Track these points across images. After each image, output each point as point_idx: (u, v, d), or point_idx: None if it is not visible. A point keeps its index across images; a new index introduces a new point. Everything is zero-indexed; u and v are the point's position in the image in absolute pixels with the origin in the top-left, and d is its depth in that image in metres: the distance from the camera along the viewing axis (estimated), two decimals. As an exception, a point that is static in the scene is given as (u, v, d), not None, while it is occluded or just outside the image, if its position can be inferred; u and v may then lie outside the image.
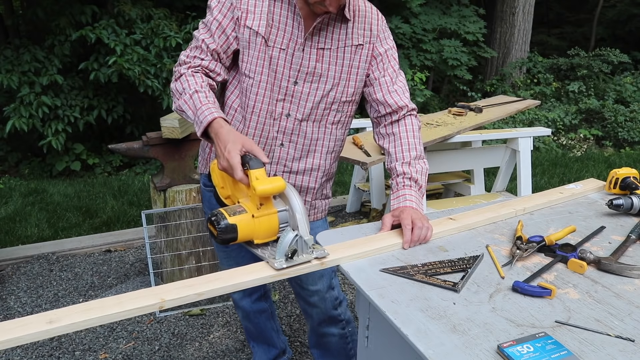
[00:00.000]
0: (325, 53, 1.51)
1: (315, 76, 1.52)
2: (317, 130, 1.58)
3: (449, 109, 3.79)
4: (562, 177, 5.23)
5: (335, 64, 1.52)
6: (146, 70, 5.14)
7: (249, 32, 1.47)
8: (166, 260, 2.84)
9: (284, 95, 1.52)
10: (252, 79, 1.50)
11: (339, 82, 1.54)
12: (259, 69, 1.49)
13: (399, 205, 1.44)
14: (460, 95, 8.46)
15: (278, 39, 1.48)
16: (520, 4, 8.55)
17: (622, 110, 7.49)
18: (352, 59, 1.54)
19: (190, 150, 2.83)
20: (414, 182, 1.49)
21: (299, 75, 1.51)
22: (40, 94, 5.21)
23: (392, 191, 1.52)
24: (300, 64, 1.50)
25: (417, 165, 1.51)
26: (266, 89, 1.51)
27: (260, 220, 1.24)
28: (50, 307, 2.79)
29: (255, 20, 1.46)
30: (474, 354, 0.92)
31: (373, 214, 3.76)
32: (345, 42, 1.52)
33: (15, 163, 6.16)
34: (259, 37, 1.47)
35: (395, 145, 1.55)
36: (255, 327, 2.04)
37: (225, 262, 1.83)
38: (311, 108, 1.54)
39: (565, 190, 1.72)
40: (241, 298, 1.96)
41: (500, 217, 1.52)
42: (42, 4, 5.56)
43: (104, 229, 3.84)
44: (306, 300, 1.79)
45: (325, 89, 1.53)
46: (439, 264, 1.24)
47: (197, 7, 6.52)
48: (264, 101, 1.51)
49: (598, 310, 1.06)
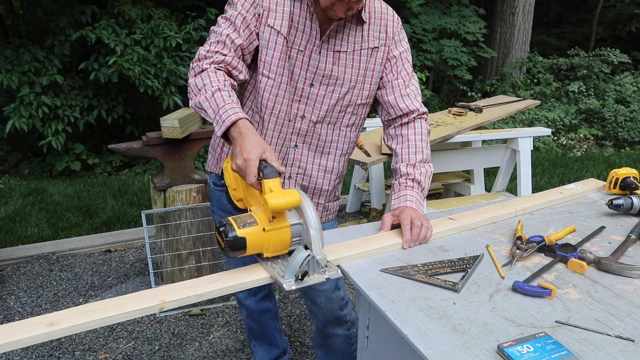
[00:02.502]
0: (341, 56, 1.50)
1: (332, 79, 1.51)
2: (331, 132, 1.57)
3: (449, 109, 3.79)
4: (562, 177, 5.23)
5: (352, 67, 1.51)
6: (146, 70, 5.13)
7: (269, 31, 1.45)
8: (166, 260, 2.84)
9: (300, 97, 1.51)
10: (271, 80, 1.48)
11: (355, 85, 1.54)
12: (280, 70, 1.47)
13: (399, 205, 1.45)
14: (460, 95, 8.46)
15: (297, 40, 1.46)
16: (520, 4, 8.55)
17: (622, 110, 7.49)
18: (368, 61, 1.53)
19: (190, 150, 2.83)
20: (417, 183, 1.50)
21: (315, 77, 1.50)
22: (40, 94, 5.20)
23: (393, 191, 1.52)
24: (317, 66, 1.49)
25: (421, 168, 1.52)
26: (286, 90, 1.49)
27: (272, 234, 1.16)
28: (50, 307, 2.79)
29: (278, 19, 1.44)
30: (474, 354, 0.92)
31: (373, 214, 3.76)
32: (361, 45, 1.51)
33: (15, 163, 6.15)
34: (281, 37, 1.45)
35: (402, 147, 1.56)
36: (259, 326, 2.04)
37: (232, 261, 1.83)
38: (326, 110, 1.53)
39: (565, 190, 1.72)
40: (246, 297, 1.97)
41: (500, 217, 1.52)
42: (42, 4, 5.56)
43: (104, 229, 3.84)
44: (312, 300, 1.79)
45: (341, 92, 1.53)
46: (439, 264, 1.24)
47: (197, 7, 6.52)
48: (283, 102, 1.50)
49: (598, 310, 1.06)
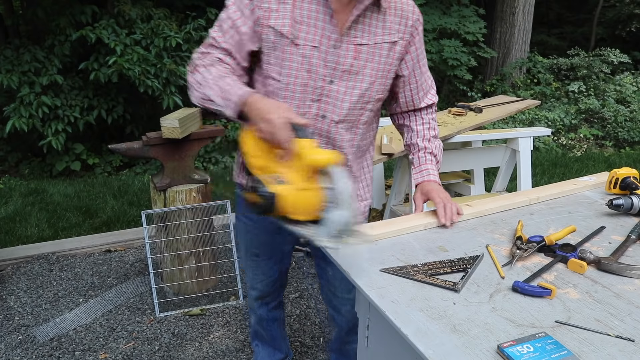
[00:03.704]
0: (362, 49, 1.41)
1: (352, 74, 1.42)
2: (352, 130, 1.51)
3: (449, 109, 3.79)
4: (562, 177, 5.23)
5: (372, 60, 1.44)
6: (146, 70, 5.13)
7: (272, 33, 1.38)
8: (166, 260, 2.84)
9: (319, 96, 1.43)
10: (279, 82, 1.42)
11: (376, 80, 1.46)
12: (288, 71, 1.40)
13: (422, 179, 1.54)
14: (460, 95, 8.46)
15: (309, 35, 1.37)
16: (520, 4, 8.55)
17: (622, 110, 7.49)
18: (388, 55, 1.46)
19: (190, 150, 2.83)
20: (434, 156, 1.59)
21: (335, 73, 1.41)
22: (40, 94, 5.20)
23: (413, 166, 1.60)
24: (336, 61, 1.40)
25: (435, 142, 1.62)
26: (295, 92, 1.42)
27: (305, 194, 1.10)
28: (50, 307, 2.79)
29: (279, 19, 1.36)
30: (474, 354, 0.92)
31: (373, 214, 3.76)
32: (382, 38, 1.43)
33: (15, 163, 6.15)
34: (284, 37, 1.37)
35: (417, 123, 1.63)
36: (267, 333, 2.05)
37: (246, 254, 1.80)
38: (348, 108, 1.45)
39: (579, 182, 1.77)
40: (259, 306, 1.95)
41: (515, 205, 1.60)
42: (42, 4, 5.56)
43: (104, 229, 3.84)
44: (337, 309, 1.78)
45: (362, 87, 1.45)
46: (439, 263, 1.24)
47: (197, 7, 6.52)
48: (294, 104, 1.43)
49: (598, 310, 1.06)
